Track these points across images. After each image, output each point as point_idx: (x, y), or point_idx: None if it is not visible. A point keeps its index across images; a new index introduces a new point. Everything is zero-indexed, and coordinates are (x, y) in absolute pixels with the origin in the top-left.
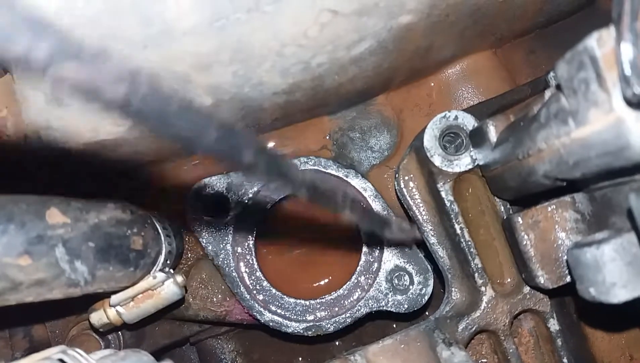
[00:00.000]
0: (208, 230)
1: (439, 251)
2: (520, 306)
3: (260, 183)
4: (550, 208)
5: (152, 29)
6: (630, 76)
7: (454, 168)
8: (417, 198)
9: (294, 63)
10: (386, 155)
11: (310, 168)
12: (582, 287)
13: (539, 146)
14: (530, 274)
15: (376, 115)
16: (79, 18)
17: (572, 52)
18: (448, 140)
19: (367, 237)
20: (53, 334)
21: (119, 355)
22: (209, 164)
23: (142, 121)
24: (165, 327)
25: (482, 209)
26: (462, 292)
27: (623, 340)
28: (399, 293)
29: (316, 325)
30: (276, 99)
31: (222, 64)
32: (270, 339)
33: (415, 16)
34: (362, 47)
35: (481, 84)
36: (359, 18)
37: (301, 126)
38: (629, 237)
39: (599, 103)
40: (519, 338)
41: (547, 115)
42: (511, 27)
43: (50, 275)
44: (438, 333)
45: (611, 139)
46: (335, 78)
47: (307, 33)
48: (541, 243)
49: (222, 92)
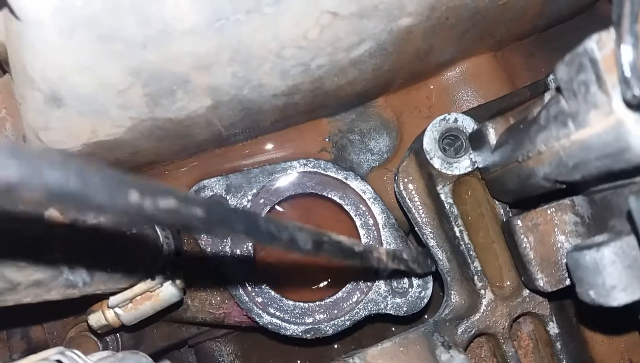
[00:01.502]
0: None
1: (438, 254)
2: (520, 309)
3: (259, 185)
4: (549, 210)
5: (151, 29)
6: (630, 78)
7: (453, 170)
8: (416, 201)
9: (293, 65)
10: (385, 157)
11: (309, 170)
12: (582, 290)
13: (539, 149)
14: (530, 277)
15: (376, 117)
16: (78, 18)
17: (572, 54)
18: (448, 143)
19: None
20: (51, 335)
21: (117, 356)
22: (207, 166)
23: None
24: (163, 329)
25: (482, 212)
26: (461, 295)
27: (622, 344)
28: (398, 296)
29: (315, 328)
30: (275, 101)
31: (222, 65)
32: (269, 342)
33: (415, 19)
34: (362, 50)
35: (481, 87)
36: (359, 20)
37: (300, 128)
38: (629, 240)
39: (599, 105)
40: (518, 341)
41: (546, 117)
42: (510, 30)
43: (49, 275)
44: (437, 336)
45: (611, 142)
46: (334, 80)
47: (307, 35)
48: (541, 246)
49: (221, 93)
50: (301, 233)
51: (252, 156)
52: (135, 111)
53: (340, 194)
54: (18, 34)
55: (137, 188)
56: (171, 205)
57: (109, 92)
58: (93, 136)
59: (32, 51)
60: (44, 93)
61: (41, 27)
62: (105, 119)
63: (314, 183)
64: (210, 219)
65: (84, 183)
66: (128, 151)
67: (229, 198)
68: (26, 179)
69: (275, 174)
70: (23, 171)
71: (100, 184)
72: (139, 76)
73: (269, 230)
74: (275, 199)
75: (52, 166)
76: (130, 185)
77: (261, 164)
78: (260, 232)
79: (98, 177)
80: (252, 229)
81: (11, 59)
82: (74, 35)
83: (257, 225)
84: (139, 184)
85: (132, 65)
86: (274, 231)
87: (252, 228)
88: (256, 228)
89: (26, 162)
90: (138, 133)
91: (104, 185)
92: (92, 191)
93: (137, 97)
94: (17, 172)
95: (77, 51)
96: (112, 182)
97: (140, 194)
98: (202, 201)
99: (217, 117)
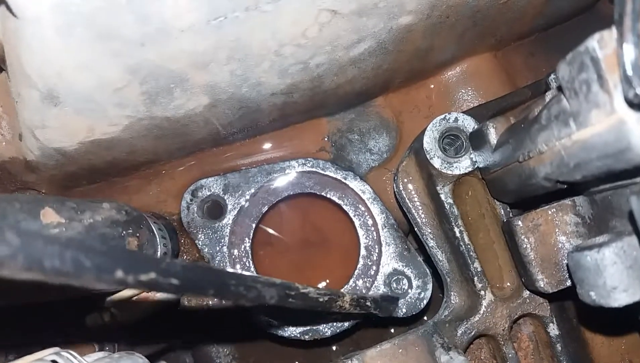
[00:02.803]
0: (204, 231)
1: (438, 255)
2: (520, 310)
3: (257, 185)
4: (550, 211)
5: (150, 27)
6: (632, 77)
7: (453, 170)
8: (416, 201)
9: (292, 63)
10: (385, 157)
11: (308, 170)
12: (583, 291)
13: (540, 148)
14: (530, 278)
15: (375, 117)
16: (75, 16)
17: (573, 53)
18: (448, 142)
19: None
20: None
21: (114, 357)
22: (205, 165)
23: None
24: (160, 329)
25: (482, 213)
26: (461, 296)
27: (623, 346)
28: None
29: (313, 329)
30: (274, 100)
31: (220, 63)
32: (267, 343)
33: (416, 17)
34: (362, 48)
35: (481, 86)
36: (358, 18)
37: (299, 128)
38: (630, 240)
39: (601, 104)
40: (518, 343)
41: (548, 117)
42: (511, 29)
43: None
44: (437, 337)
45: (612, 141)
46: (334, 79)
47: (306, 33)
48: (541, 246)
49: (219, 91)
50: (269, 290)
51: (250, 155)
52: (133, 110)
53: (339, 194)
54: (15, 32)
55: (122, 267)
56: (151, 278)
57: (106, 91)
58: (90, 135)
59: (29, 48)
60: (41, 91)
61: (38, 24)
62: (102, 117)
63: (313, 183)
64: (184, 287)
65: (77, 267)
66: (125, 150)
67: (226, 197)
68: (29, 267)
69: (274, 174)
70: (27, 263)
71: (90, 267)
72: (136, 74)
73: (238, 291)
74: (273, 199)
75: (51, 255)
76: (116, 265)
77: (259, 164)
78: (230, 293)
79: (89, 262)
80: (222, 291)
81: (8, 56)
82: (72, 33)
83: (227, 287)
84: (123, 263)
85: (129, 63)
86: (242, 292)
87: (222, 290)
88: (226, 290)
89: (30, 254)
90: (135, 132)
91: (93, 267)
92: (83, 273)
93: (135, 96)
94: (22, 263)
95: (74, 48)
96: (100, 264)
97: (125, 272)
98: (178, 271)
99: (215, 116)
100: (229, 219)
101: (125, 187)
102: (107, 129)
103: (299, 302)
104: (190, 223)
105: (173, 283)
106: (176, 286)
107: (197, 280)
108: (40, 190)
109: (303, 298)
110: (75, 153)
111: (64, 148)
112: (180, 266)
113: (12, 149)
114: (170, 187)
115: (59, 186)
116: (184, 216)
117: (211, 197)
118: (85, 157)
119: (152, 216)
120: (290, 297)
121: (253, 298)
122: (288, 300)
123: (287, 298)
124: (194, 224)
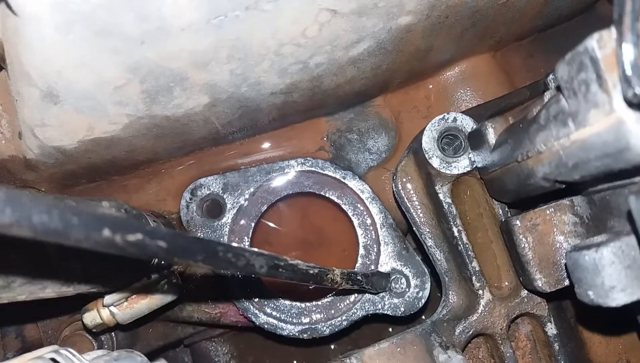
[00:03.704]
0: (203, 230)
1: (436, 254)
2: (518, 310)
3: (256, 184)
4: (548, 211)
5: (149, 26)
6: (631, 77)
7: (452, 170)
8: (414, 201)
9: (292, 63)
10: (384, 157)
11: (307, 169)
12: (581, 290)
13: (538, 148)
14: (528, 277)
15: (374, 117)
16: (75, 14)
17: (572, 53)
18: (446, 142)
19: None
20: (45, 334)
21: (112, 355)
22: (204, 164)
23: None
24: (159, 328)
25: (480, 212)
26: (459, 295)
27: (620, 345)
28: (395, 297)
29: (312, 328)
30: (273, 99)
31: (220, 62)
32: (265, 342)
33: (415, 17)
34: (361, 48)
35: (480, 87)
36: (358, 18)
37: (298, 127)
38: (628, 240)
39: (599, 104)
40: (516, 342)
41: (546, 117)
42: (510, 30)
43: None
44: (435, 336)
45: (611, 141)
46: (333, 79)
47: (305, 32)
48: (539, 246)
49: (219, 90)
50: (258, 259)
51: (249, 154)
52: (132, 108)
53: (338, 193)
54: (15, 30)
55: (109, 226)
56: (138, 238)
57: (106, 89)
58: (89, 133)
59: (28, 46)
60: (41, 89)
61: (38, 22)
62: (102, 116)
63: (312, 182)
64: (172, 250)
65: (65, 224)
66: (124, 149)
67: (225, 196)
68: (17, 222)
69: (273, 173)
70: (15, 216)
71: (78, 224)
72: (136, 72)
73: (226, 257)
74: (272, 198)
75: (39, 211)
76: (103, 223)
77: (259, 163)
78: (218, 259)
79: (77, 218)
80: (211, 257)
81: (8, 55)
82: (72, 31)
83: (215, 254)
84: (110, 222)
85: (129, 62)
86: (231, 259)
87: (211, 256)
88: (214, 257)
89: (18, 208)
90: (135, 131)
91: (81, 224)
92: (71, 230)
93: (134, 94)
94: (9, 216)
95: (74, 47)
96: (88, 222)
97: (112, 231)
98: (165, 233)
99: (215, 115)
100: (228, 219)
101: (125, 186)
102: (107, 128)
103: (289, 273)
104: (190, 222)
105: (161, 245)
106: (165, 249)
107: (185, 244)
108: (40, 189)
109: (292, 269)
110: (75, 151)
111: (63, 146)
112: (167, 230)
113: (11, 147)
114: (169, 186)
115: (59, 185)
116: (183, 215)
117: (210, 196)
118: (84, 156)
119: (151, 214)
120: (280, 267)
121: (243, 267)
122: (278, 270)
123: (277, 269)
124: (193, 223)
